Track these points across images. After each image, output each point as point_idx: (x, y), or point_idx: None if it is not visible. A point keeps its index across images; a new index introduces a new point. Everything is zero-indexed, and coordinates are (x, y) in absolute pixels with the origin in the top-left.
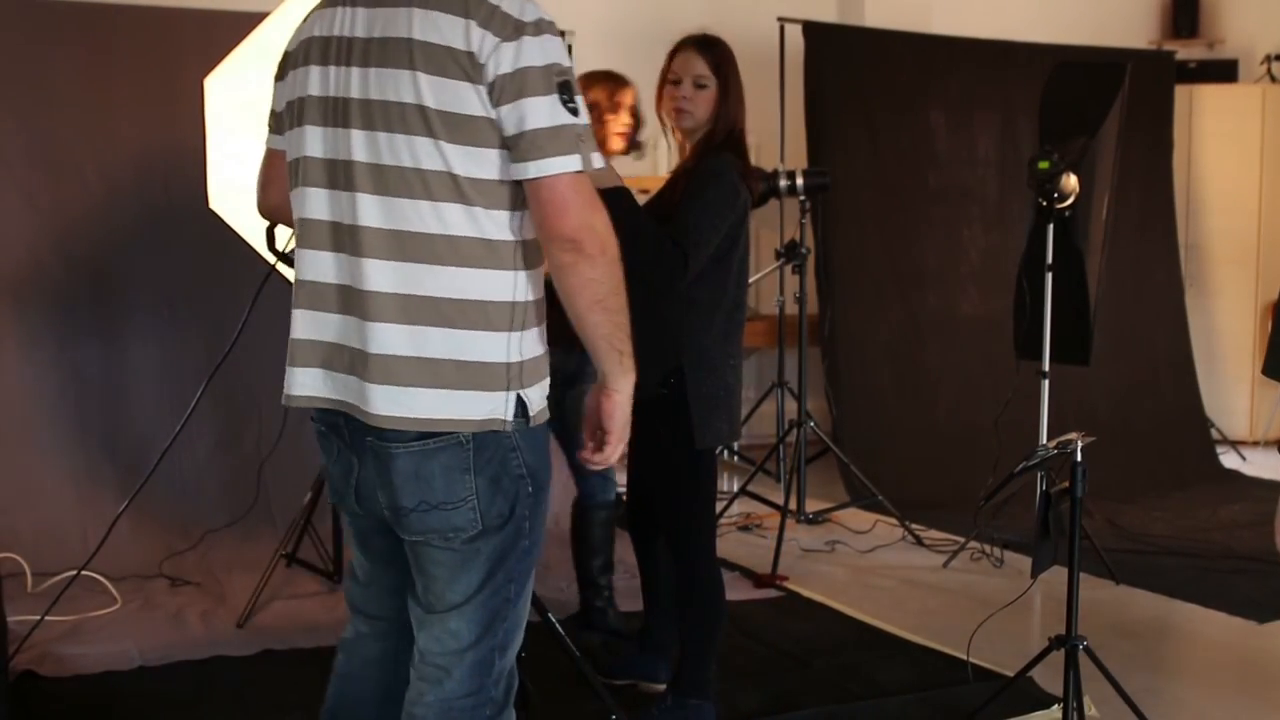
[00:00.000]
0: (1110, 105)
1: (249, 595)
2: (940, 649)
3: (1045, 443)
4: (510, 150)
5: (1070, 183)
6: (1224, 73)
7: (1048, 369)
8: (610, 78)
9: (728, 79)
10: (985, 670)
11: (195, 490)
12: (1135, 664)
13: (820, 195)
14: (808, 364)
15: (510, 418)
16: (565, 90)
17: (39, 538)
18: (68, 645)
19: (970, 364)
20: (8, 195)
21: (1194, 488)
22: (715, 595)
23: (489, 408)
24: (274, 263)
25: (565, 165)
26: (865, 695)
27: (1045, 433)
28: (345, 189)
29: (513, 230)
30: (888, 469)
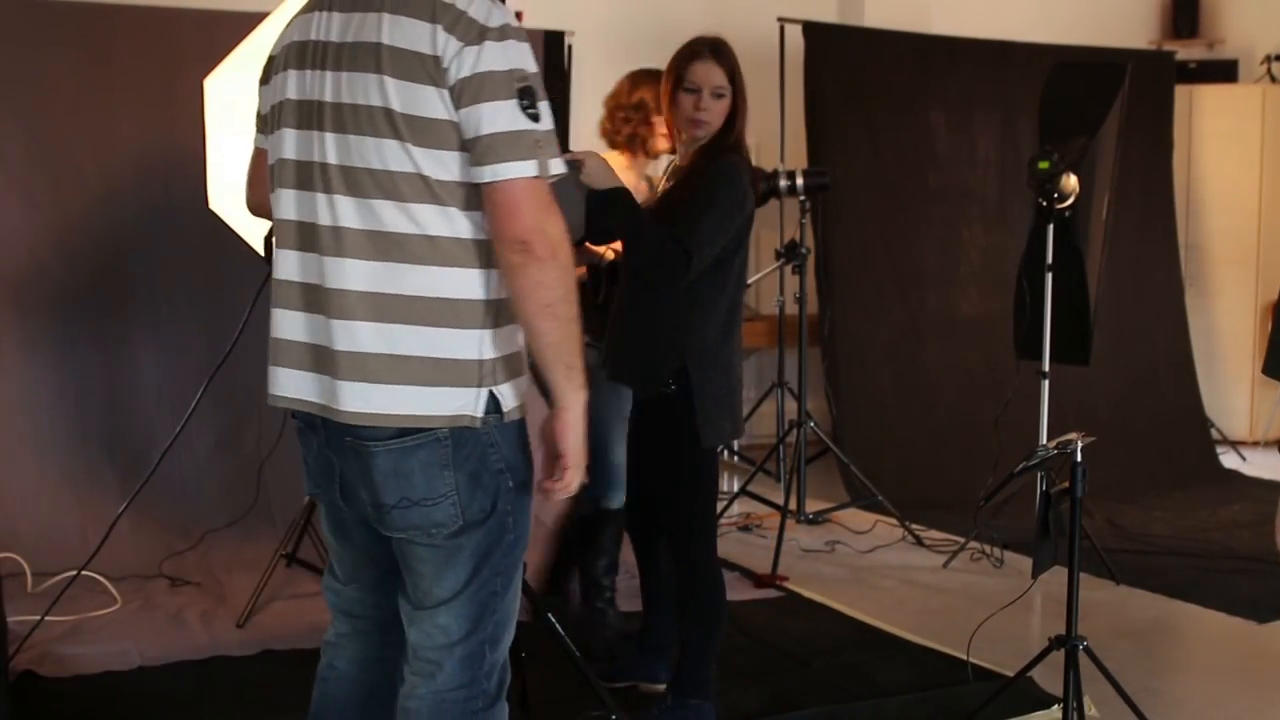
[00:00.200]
0: (1110, 105)
1: (249, 595)
2: (940, 649)
3: (1045, 443)
4: (469, 153)
5: (1070, 183)
6: (1224, 73)
7: (1048, 369)
8: (658, 77)
9: (741, 86)
10: (985, 670)
11: (195, 490)
12: (1135, 664)
13: (820, 195)
14: (808, 364)
15: (481, 414)
16: (527, 96)
17: (39, 538)
18: (68, 645)
19: (970, 364)
20: (8, 195)
21: (1194, 488)
22: (716, 595)
23: (459, 404)
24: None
25: (521, 170)
26: (865, 695)
27: (1045, 433)
28: (318, 190)
29: (485, 230)
30: (888, 469)
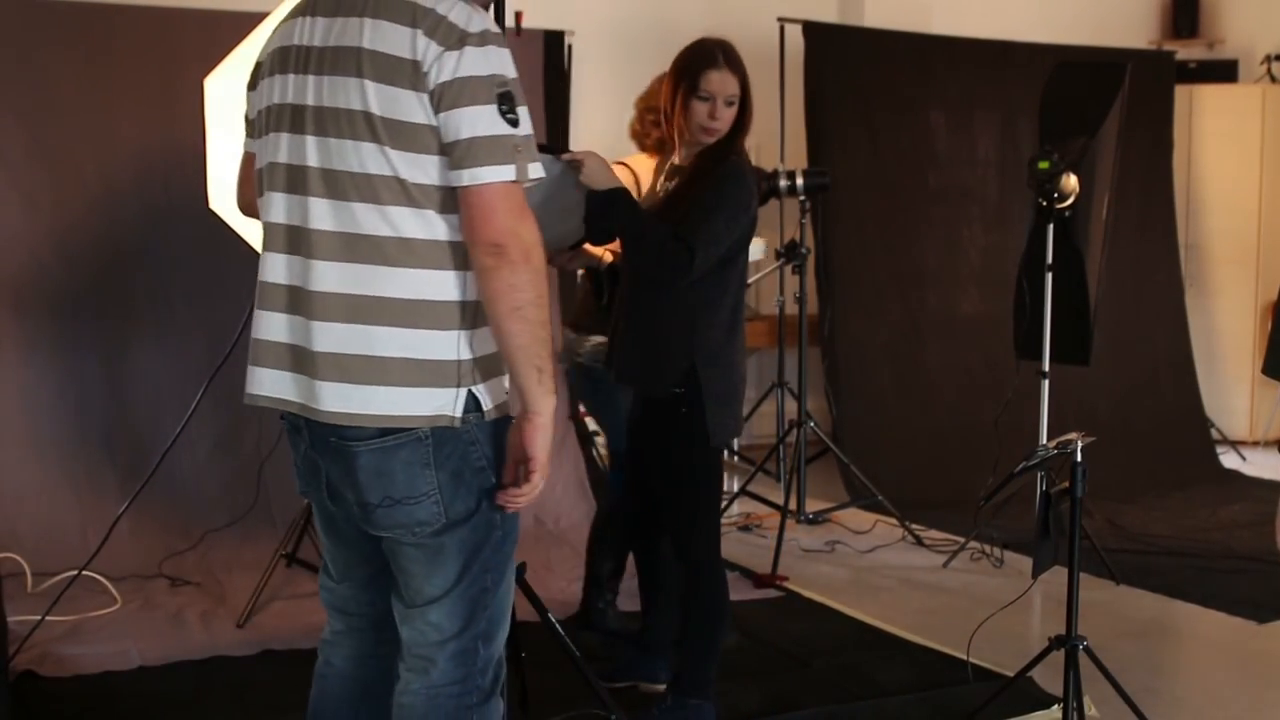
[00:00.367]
0: (1110, 105)
1: (249, 595)
2: (940, 649)
3: (1045, 443)
4: (448, 157)
5: (1070, 183)
6: (1224, 73)
7: (1048, 369)
8: None
9: (749, 93)
10: (985, 670)
11: (195, 490)
12: (1135, 664)
13: (820, 195)
14: (808, 364)
15: (459, 414)
16: (506, 101)
17: (39, 538)
18: (68, 645)
19: (970, 364)
20: (8, 195)
21: (1194, 488)
22: (719, 595)
23: (437, 404)
24: None
25: (498, 175)
26: (865, 695)
27: (1045, 433)
28: (300, 193)
29: (463, 233)
30: (888, 469)
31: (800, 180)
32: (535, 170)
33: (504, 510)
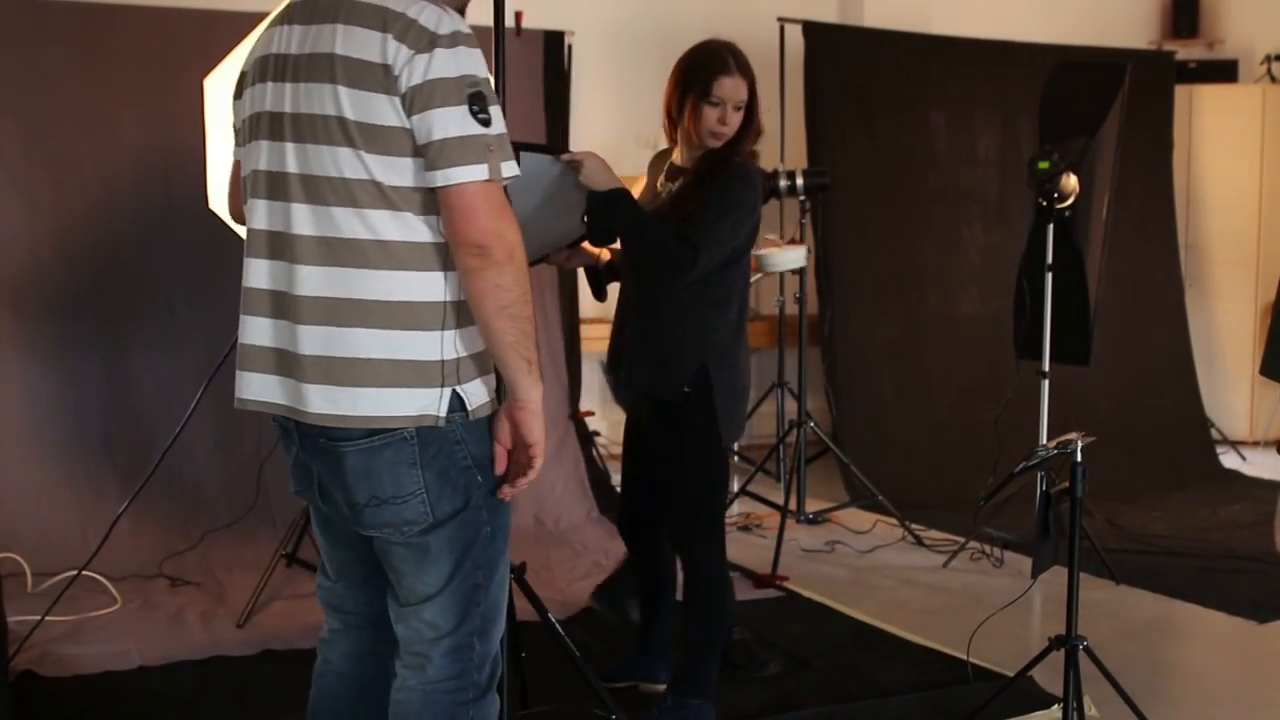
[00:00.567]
0: (1110, 105)
1: (249, 595)
2: (940, 649)
3: (1045, 443)
4: (423, 158)
5: (1070, 183)
6: (1224, 73)
7: (1048, 369)
8: None
9: (756, 97)
10: (985, 670)
11: (195, 490)
12: (1135, 664)
13: (820, 195)
14: (808, 364)
15: (444, 413)
16: (477, 101)
17: (39, 538)
18: (68, 645)
19: (970, 364)
20: (8, 195)
21: (1194, 488)
22: (722, 596)
23: (421, 404)
24: None
25: (472, 174)
26: (865, 695)
27: (1045, 433)
28: (281, 199)
29: (442, 233)
30: (888, 469)
31: (800, 180)
32: (510, 169)
33: (493, 507)
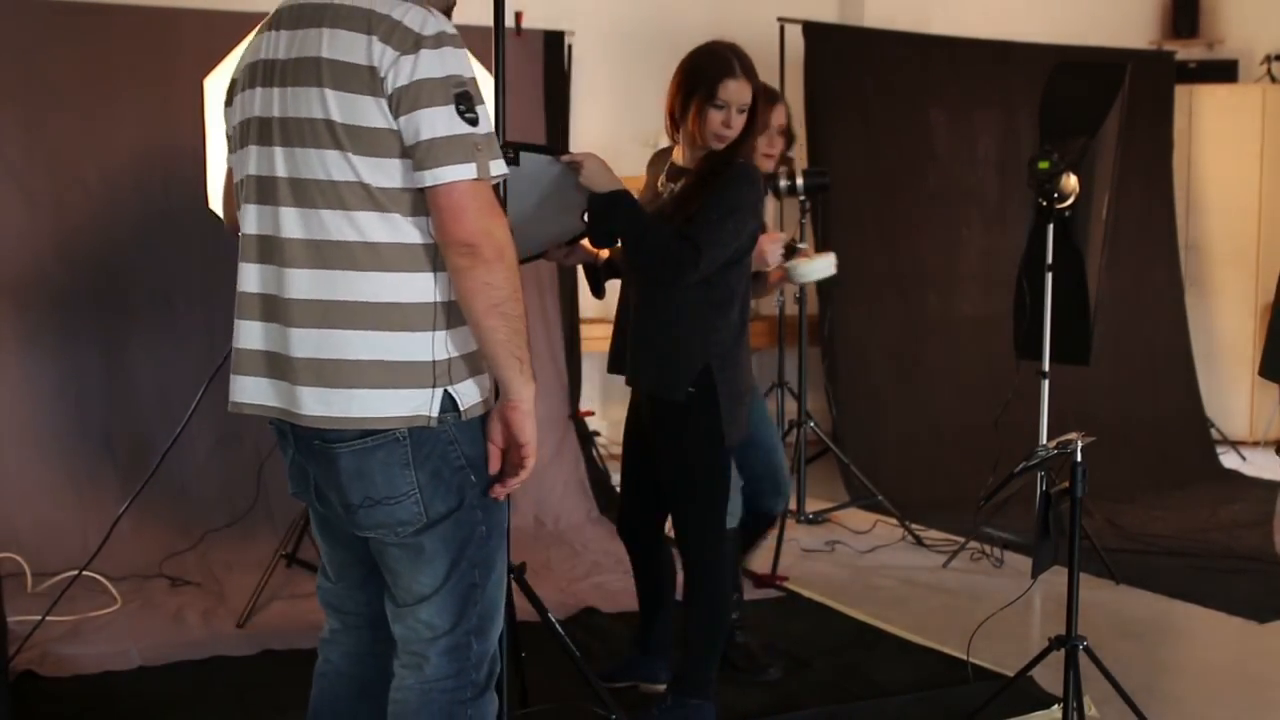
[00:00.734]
0: (1110, 105)
1: (249, 595)
2: (940, 649)
3: (1045, 443)
4: (410, 159)
5: (1070, 183)
6: (1224, 73)
7: (1048, 369)
8: (759, 94)
9: (760, 99)
10: (985, 670)
11: (195, 490)
12: (1135, 664)
13: (820, 195)
14: (808, 364)
15: (436, 414)
16: (463, 101)
17: (39, 538)
18: (68, 645)
19: (970, 364)
20: (8, 195)
21: (1194, 488)
22: (721, 596)
23: (413, 405)
24: None
25: (460, 173)
26: (865, 695)
27: (1045, 433)
28: (271, 203)
29: (431, 234)
30: (888, 469)
31: (800, 180)
32: (498, 167)
33: (487, 507)
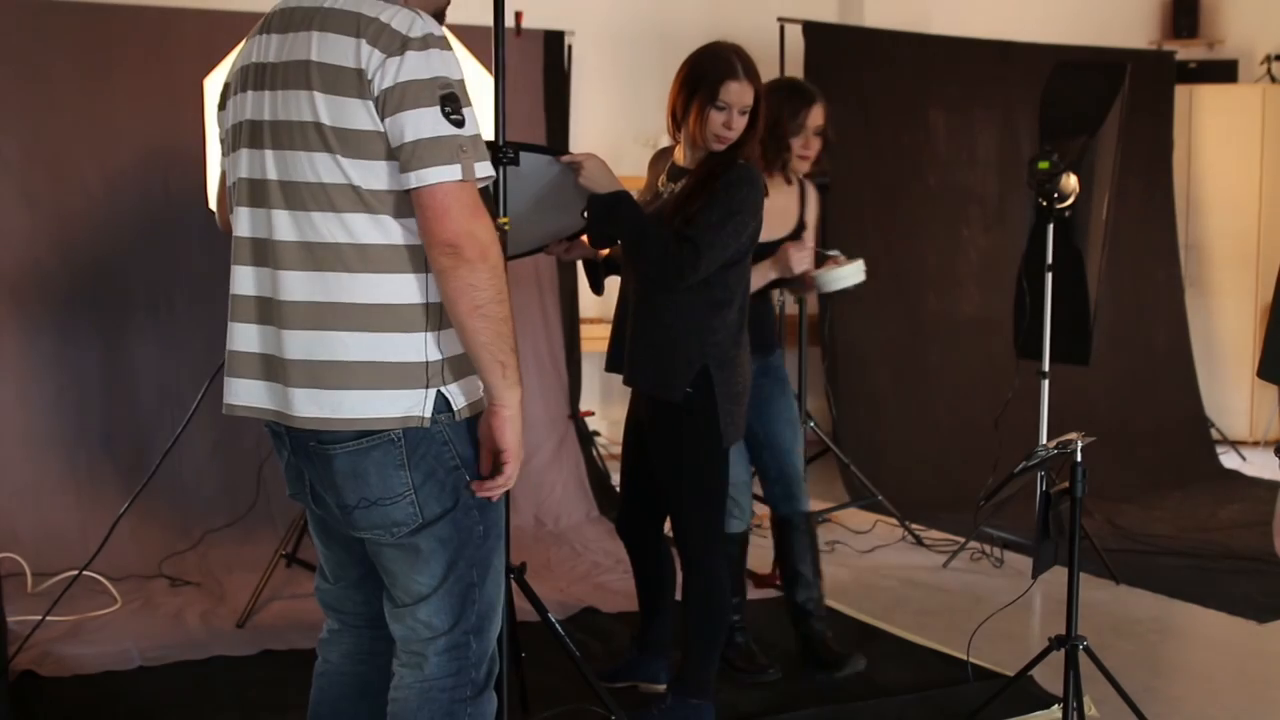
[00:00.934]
0: (1110, 105)
1: (249, 595)
2: (940, 649)
3: (1045, 443)
4: (397, 160)
5: (1070, 183)
6: (1224, 73)
7: (1048, 369)
8: (796, 92)
9: (762, 101)
10: (985, 670)
11: (195, 490)
12: (1135, 664)
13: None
14: (808, 364)
15: (429, 414)
16: (449, 102)
17: (39, 538)
18: (68, 645)
19: (970, 364)
20: (8, 195)
21: (1194, 488)
22: (720, 596)
23: (406, 405)
24: None
25: (445, 175)
26: (865, 695)
27: (1045, 433)
28: (263, 206)
29: (420, 235)
30: (888, 469)
31: None
32: (484, 169)
33: (483, 507)
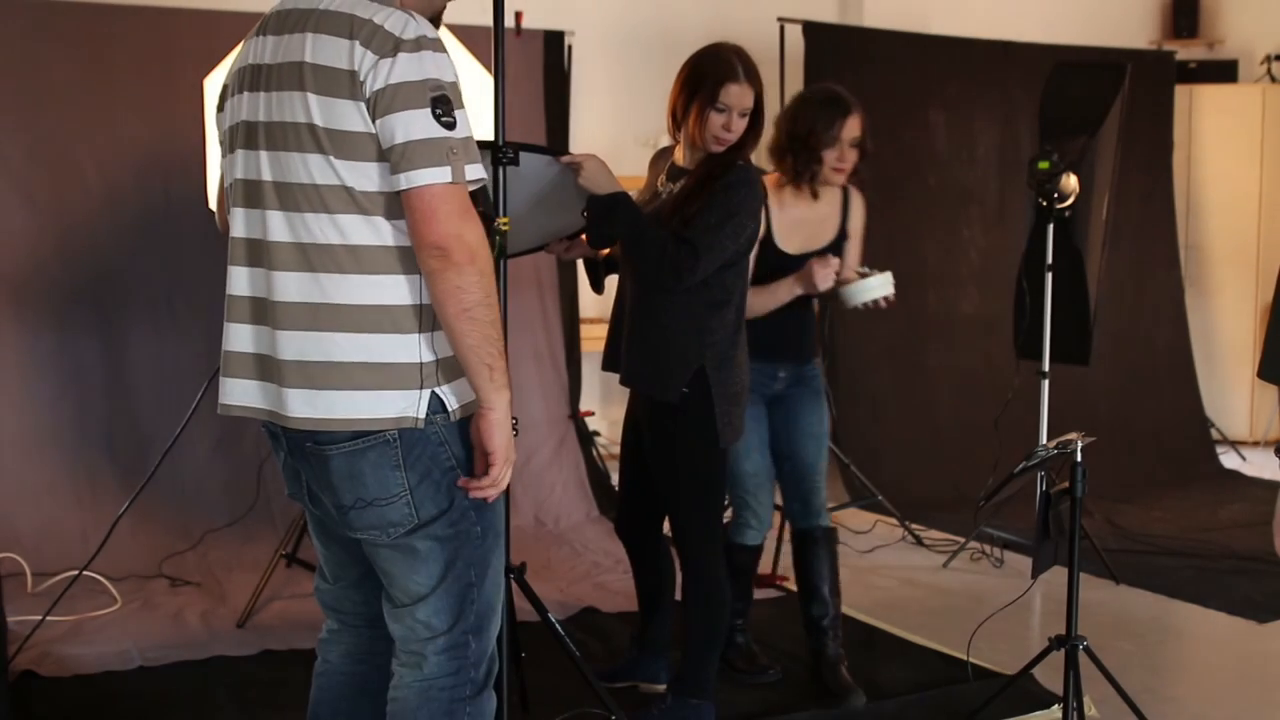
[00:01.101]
0: (1110, 105)
1: (249, 595)
2: (940, 649)
3: (1045, 443)
4: (388, 162)
5: (1070, 183)
6: (1224, 73)
7: (1048, 369)
8: (831, 103)
9: (762, 103)
10: (985, 670)
11: (195, 490)
12: (1135, 664)
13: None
14: None
15: (423, 415)
16: (441, 104)
17: (39, 538)
18: (68, 645)
19: (970, 364)
20: (8, 195)
21: (1194, 488)
22: (721, 596)
23: (400, 406)
24: None
25: (435, 176)
26: (865, 695)
27: (1045, 433)
28: (258, 207)
29: (409, 237)
30: (888, 469)
31: None
32: (474, 171)
33: (481, 507)
